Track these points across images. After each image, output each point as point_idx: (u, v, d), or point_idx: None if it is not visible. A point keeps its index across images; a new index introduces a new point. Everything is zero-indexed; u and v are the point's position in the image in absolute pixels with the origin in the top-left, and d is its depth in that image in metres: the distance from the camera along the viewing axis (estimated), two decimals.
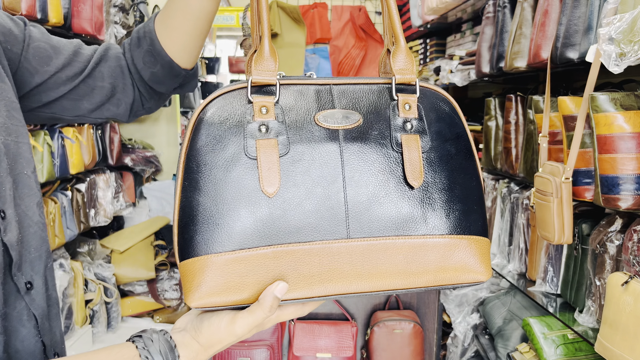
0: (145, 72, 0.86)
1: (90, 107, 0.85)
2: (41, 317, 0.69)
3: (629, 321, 1.20)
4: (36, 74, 0.78)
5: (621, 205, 1.28)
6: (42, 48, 0.79)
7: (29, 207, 0.70)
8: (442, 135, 0.65)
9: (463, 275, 0.63)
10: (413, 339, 1.96)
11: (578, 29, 1.41)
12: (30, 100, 0.80)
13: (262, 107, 0.61)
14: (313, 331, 2.02)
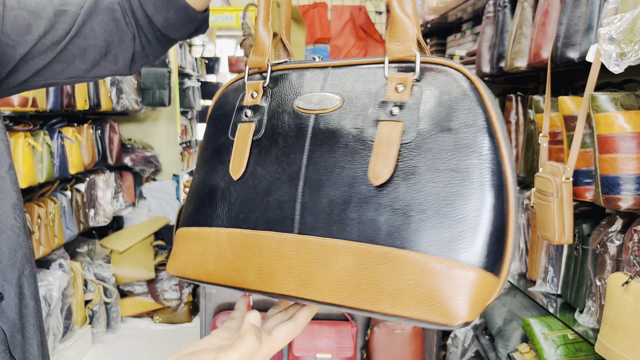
0: (157, 18, 0.77)
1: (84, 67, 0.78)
2: (11, 331, 0.62)
3: (629, 321, 1.20)
4: (18, 46, 0.71)
5: (622, 206, 1.28)
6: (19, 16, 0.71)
7: (4, 212, 0.63)
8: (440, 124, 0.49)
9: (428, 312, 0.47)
10: (413, 339, 1.96)
11: (578, 28, 1.41)
12: (19, 74, 0.74)
13: (253, 92, 0.60)
14: (313, 331, 2.02)
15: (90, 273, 2.99)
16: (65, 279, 2.63)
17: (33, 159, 2.43)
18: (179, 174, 4.05)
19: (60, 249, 2.77)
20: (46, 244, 2.53)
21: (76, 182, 2.99)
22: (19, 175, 2.34)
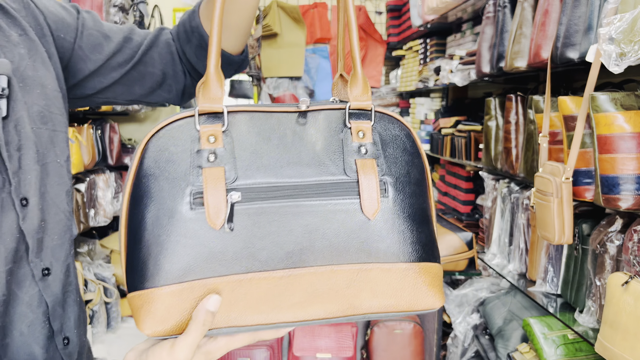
0: (199, 65, 0.86)
1: (142, 92, 0.88)
2: (53, 304, 0.70)
3: (629, 321, 1.20)
4: (89, 61, 0.80)
5: (621, 206, 1.28)
6: (94, 36, 0.80)
7: (58, 195, 0.71)
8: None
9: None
10: (413, 339, 1.96)
11: (578, 28, 1.41)
12: (85, 87, 0.82)
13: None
14: (313, 331, 2.02)
15: (90, 273, 2.99)
16: None
17: None
18: None
19: None
20: None
21: (76, 182, 2.99)
22: None
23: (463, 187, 2.67)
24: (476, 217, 2.59)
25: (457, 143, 2.56)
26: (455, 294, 2.21)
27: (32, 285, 0.67)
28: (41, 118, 0.69)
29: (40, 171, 0.68)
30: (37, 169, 0.67)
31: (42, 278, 0.69)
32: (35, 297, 0.68)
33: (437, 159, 3.43)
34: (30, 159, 0.66)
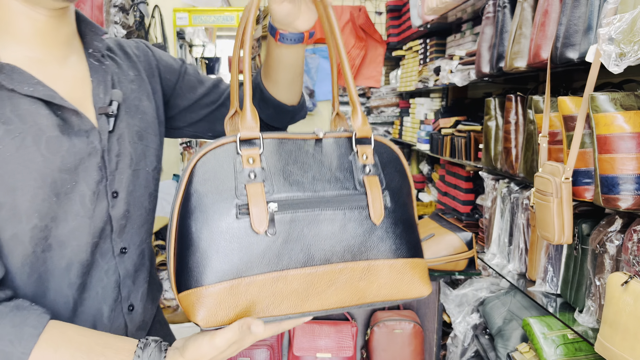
0: (261, 114, 1.05)
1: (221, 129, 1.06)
2: (124, 276, 0.89)
3: (629, 321, 1.20)
4: (185, 98, 1.05)
5: (621, 206, 1.29)
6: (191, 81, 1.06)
7: (142, 195, 0.91)
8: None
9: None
10: (413, 339, 1.96)
11: (578, 29, 1.41)
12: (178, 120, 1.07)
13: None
14: (313, 331, 2.02)
15: None
16: None
17: None
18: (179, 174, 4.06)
19: None
20: None
21: None
22: None
23: (463, 187, 2.67)
24: (476, 217, 2.59)
25: (457, 143, 2.57)
26: (455, 293, 2.22)
27: (111, 258, 0.86)
28: (139, 136, 0.90)
29: (132, 174, 0.88)
30: (129, 173, 0.88)
31: (120, 254, 0.88)
32: (112, 267, 0.87)
33: (437, 159, 3.43)
34: (125, 164, 0.87)
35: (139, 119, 0.91)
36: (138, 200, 0.90)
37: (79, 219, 0.81)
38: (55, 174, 0.78)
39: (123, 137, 0.87)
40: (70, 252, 0.81)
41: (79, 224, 0.81)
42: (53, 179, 0.77)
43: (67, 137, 0.80)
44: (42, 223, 0.77)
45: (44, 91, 0.78)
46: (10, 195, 0.74)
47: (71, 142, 0.80)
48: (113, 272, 0.87)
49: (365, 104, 4.25)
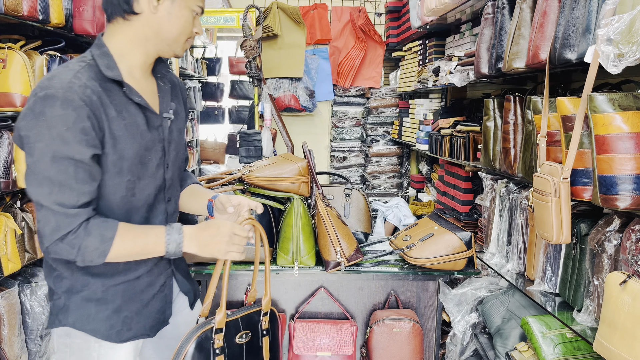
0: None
1: None
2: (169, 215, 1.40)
3: (627, 320, 1.21)
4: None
5: (619, 205, 1.29)
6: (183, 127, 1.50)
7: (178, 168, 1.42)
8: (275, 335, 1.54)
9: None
10: (412, 337, 1.97)
11: (576, 29, 1.42)
12: None
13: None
14: (313, 330, 2.03)
15: None
16: None
17: None
18: None
19: None
20: None
21: None
22: (20, 175, 2.35)
23: (462, 187, 2.68)
24: (475, 217, 2.60)
25: (456, 143, 2.58)
26: (454, 293, 2.22)
27: (162, 203, 1.36)
28: (179, 133, 1.39)
29: (175, 155, 1.38)
30: (174, 154, 1.37)
31: (167, 202, 1.38)
32: (163, 209, 1.36)
33: (436, 159, 3.44)
34: (173, 148, 1.36)
35: (180, 122, 1.41)
36: (176, 171, 1.40)
37: (149, 178, 1.29)
38: (142, 151, 1.25)
39: (173, 132, 1.36)
40: (144, 198, 1.29)
41: (149, 182, 1.29)
42: (141, 154, 1.25)
43: (149, 129, 1.27)
44: (132, 179, 1.24)
45: (142, 101, 1.25)
46: (120, 160, 1.20)
47: (150, 133, 1.28)
48: (163, 211, 1.37)
49: (365, 105, 4.26)
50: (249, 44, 3.34)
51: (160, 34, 1.23)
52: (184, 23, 1.25)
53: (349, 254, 1.93)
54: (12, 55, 2.27)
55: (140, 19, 1.21)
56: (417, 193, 3.85)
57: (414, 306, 2.13)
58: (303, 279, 2.12)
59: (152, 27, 1.22)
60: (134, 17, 1.20)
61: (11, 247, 2.26)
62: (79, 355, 1.28)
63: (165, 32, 1.24)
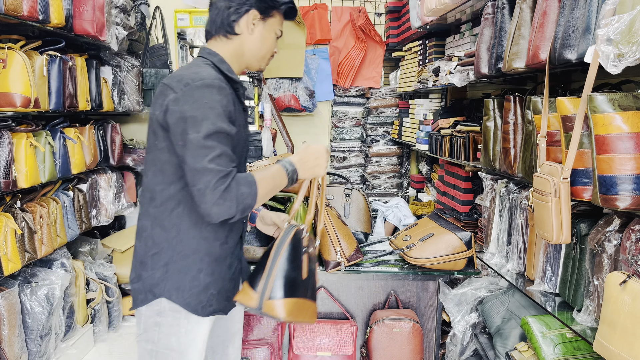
0: None
1: None
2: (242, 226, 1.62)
3: (627, 320, 1.21)
4: None
5: (619, 205, 1.29)
6: None
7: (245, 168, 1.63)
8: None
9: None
10: (412, 337, 1.97)
11: (576, 30, 1.42)
12: None
13: None
14: (313, 330, 2.03)
15: (92, 272, 3.00)
16: (67, 278, 2.65)
17: (35, 159, 2.45)
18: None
19: (62, 249, 2.78)
20: (48, 243, 2.54)
21: (78, 182, 3.00)
22: (20, 175, 2.35)
23: (462, 187, 2.68)
24: (475, 217, 2.60)
25: (456, 143, 2.58)
26: (454, 293, 2.22)
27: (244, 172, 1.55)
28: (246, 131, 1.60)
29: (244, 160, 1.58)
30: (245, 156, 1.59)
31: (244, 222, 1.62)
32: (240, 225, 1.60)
33: (436, 159, 3.44)
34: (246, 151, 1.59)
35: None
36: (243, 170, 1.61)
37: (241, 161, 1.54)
38: (242, 144, 1.50)
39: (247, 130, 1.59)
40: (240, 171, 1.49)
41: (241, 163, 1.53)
42: (240, 146, 1.49)
43: (244, 128, 1.52)
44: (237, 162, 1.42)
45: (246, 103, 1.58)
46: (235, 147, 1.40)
47: (245, 132, 1.54)
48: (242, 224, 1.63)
49: (365, 105, 4.26)
50: None
51: (253, 51, 1.52)
52: (270, 43, 1.55)
53: (349, 254, 1.93)
54: (12, 55, 2.27)
55: (239, 38, 1.49)
56: (417, 193, 3.85)
57: (414, 306, 2.13)
58: None
59: (247, 45, 1.51)
60: (234, 36, 1.49)
61: (11, 247, 2.26)
62: (168, 332, 1.44)
63: (257, 50, 1.52)
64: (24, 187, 2.36)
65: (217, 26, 1.49)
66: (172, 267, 1.42)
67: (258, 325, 2.06)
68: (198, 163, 1.30)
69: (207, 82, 1.33)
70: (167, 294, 1.42)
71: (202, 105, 1.31)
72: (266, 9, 1.50)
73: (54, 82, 2.56)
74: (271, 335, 2.06)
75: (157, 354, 1.46)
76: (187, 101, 1.31)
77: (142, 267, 1.44)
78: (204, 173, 1.29)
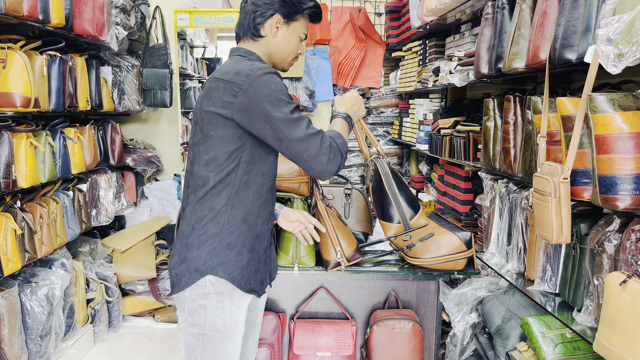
0: None
1: None
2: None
3: (627, 320, 1.21)
4: None
5: (619, 205, 1.29)
6: None
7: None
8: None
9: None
10: (412, 337, 1.97)
11: (576, 29, 1.42)
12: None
13: None
14: (313, 330, 2.03)
15: (92, 272, 3.00)
16: (67, 278, 2.65)
17: (35, 159, 2.45)
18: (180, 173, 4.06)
19: (62, 249, 2.79)
20: (48, 243, 2.54)
21: (78, 182, 3.00)
22: (20, 175, 2.35)
23: (462, 187, 2.68)
24: (475, 217, 2.60)
25: (456, 143, 2.58)
26: (454, 292, 2.22)
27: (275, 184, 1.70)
28: None
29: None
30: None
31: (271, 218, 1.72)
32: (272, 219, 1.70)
33: (436, 159, 3.44)
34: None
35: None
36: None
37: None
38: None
39: None
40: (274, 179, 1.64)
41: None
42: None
43: None
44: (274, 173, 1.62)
45: None
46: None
47: None
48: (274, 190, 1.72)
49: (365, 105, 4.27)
50: None
51: (277, 53, 1.62)
52: (293, 45, 1.64)
53: (349, 254, 1.93)
54: (12, 55, 2.27)
55: (264, 40, 1.60)
56: (417, 193, 3.85)
57: (414, 306, 2.13)
58: (303, 279, 2.12)
59: (271, 47, 1.61)
60: (260, 39, 1.60)
61: (11, 247, 2.26)
62: (213, 314, 1.51)
63: (280, 51, 1.63)
64: (24, 187, 2.36)
65: (244, 29, 1.61)
66: (219, 245, 1.51)
67: None
68: (299, 133, 1.44)
69: (266, 70, 1.45)
70: (213, 271, 1.50)
71: (273, 89, 1.43)
72: (290, 13, 1.60)
73: (54, 82, 2.56)
74: (271, 335, 2.06)
75: (204, 336, 1.53)
76: (257, 89, 1.43)
77: (187, 249, 1.53)
78: (308, 139, 1.44)
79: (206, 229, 1.52)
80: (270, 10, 1.58)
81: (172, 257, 1.57)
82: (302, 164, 1.48)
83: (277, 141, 1.46)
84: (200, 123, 1.51)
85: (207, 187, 1.51)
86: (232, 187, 1.52)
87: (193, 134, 1.54)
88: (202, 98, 1.50)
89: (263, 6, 1.58)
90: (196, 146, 1.52)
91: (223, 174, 1.50)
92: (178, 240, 1.56)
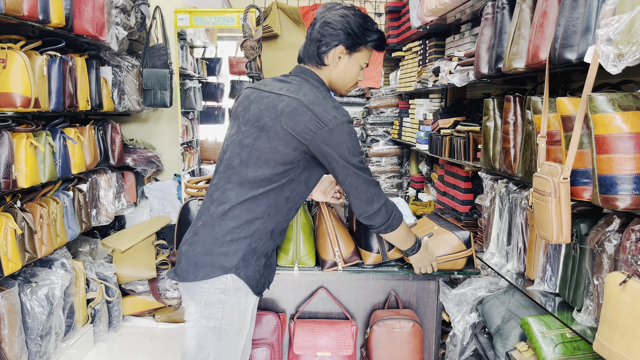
0: None
1: None
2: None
3: (627, 320, 1.21)
4: None
5: (619, 205, 1.29)
6: None
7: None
8: None
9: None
10: (412, 337, 1.97)
11: (576, 30, 1.42)
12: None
13: None
14: (313, 330, 2.03)
15: (92, 272, 3.00)
16: (67, 278, 2.65)
17: (35, 159, 2.45)
18: (180, 174, 4.06)
19: (62, 249, 2.79)
20: (48, 243, 2.54)
21: (78, 182, 3.01)
22: (20, 175, 2.35)
23: (462, 186, 2.68)
24: (475, 217, 2.60)
25: (456, 143, 2.58)
26: (453, 292, 2.22)
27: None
28: None
29: None
30: None
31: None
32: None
33: (436, 159, 3.44)
34: None
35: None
36: None
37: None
38: None
39: None
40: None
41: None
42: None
43: None
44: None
45: None
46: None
47: None
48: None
49: (365, 105, 4.26)
50: (249, 44, 3.34)
51: (337, 81, 1.71)
52: (353, 74, 1.72)
53: (347, 256, 1.93)
54: (12, 55, 2.27)
55: (327, 68, 1.68)
56: (417, 193, 3.85)
57: (414, 306, 2.13)
58: (303, 278, 2.12)
59: (333, 75, 1.70)
60: (323, 66, 1.68)
61: (11, 247, 2.26)
62: (231, 309, 1.58)
63: (340, 80, 1.71)
64: (24, 187, 2.36)
65: (309, 55, 1.69)
66: (247, 248, 1.58)
67: (258, 325, 2.06)
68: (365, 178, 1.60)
69: (349, 118, 1.57)
70: (237, 272, 1.56)
71: (353, 138, 1.57)
72: (353, 45, 1.66)
73: (54, 82, 2.56)
74: (271, 335, 2.06)
75: (220, 330, 1.59)
76: (341, 134, 1.54)
77: (216, 243, 1.57)
78: (369, 185, 1.61)
79: (240, 230, 1.57)
80: (335, 41, 1.64)
81: (193, 244, 1.60)
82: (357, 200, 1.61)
83: (345, 176, 1.59)
84: (269, 133, 1.55)
85: (255, 192, 1.57)
86: (274, 199, 1.59)
87: (256, 137, 1.58)
88: (281, 114, 1.55)
89: (328, 37, 1.64)
90: (256, 150, 1.57)
91: (273, 185, 1.57)
92: (205, 229, 1.60)
